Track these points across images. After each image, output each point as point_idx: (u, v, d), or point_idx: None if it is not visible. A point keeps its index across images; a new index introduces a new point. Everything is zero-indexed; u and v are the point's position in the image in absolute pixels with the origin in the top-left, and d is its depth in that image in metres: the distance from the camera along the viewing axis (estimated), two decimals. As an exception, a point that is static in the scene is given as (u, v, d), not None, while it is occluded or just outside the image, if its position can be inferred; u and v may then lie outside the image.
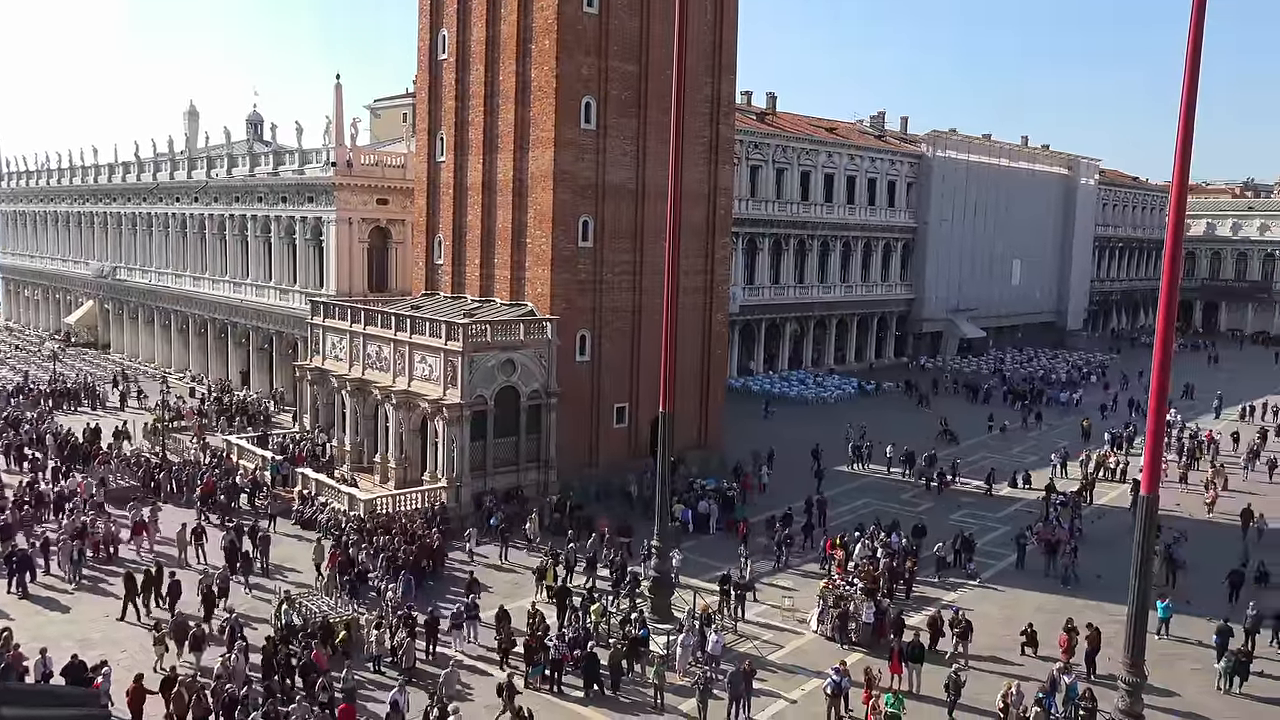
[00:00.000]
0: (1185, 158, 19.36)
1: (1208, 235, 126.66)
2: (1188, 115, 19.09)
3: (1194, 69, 18.94)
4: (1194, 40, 18.94)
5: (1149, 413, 20.81)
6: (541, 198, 41.27)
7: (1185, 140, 19.25)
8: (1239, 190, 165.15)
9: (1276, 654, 27.61)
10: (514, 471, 39.94)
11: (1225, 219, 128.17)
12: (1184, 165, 19.44)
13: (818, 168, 78.14)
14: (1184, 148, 19.29)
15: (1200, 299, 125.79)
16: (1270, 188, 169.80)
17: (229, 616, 26.11)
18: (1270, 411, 64.71)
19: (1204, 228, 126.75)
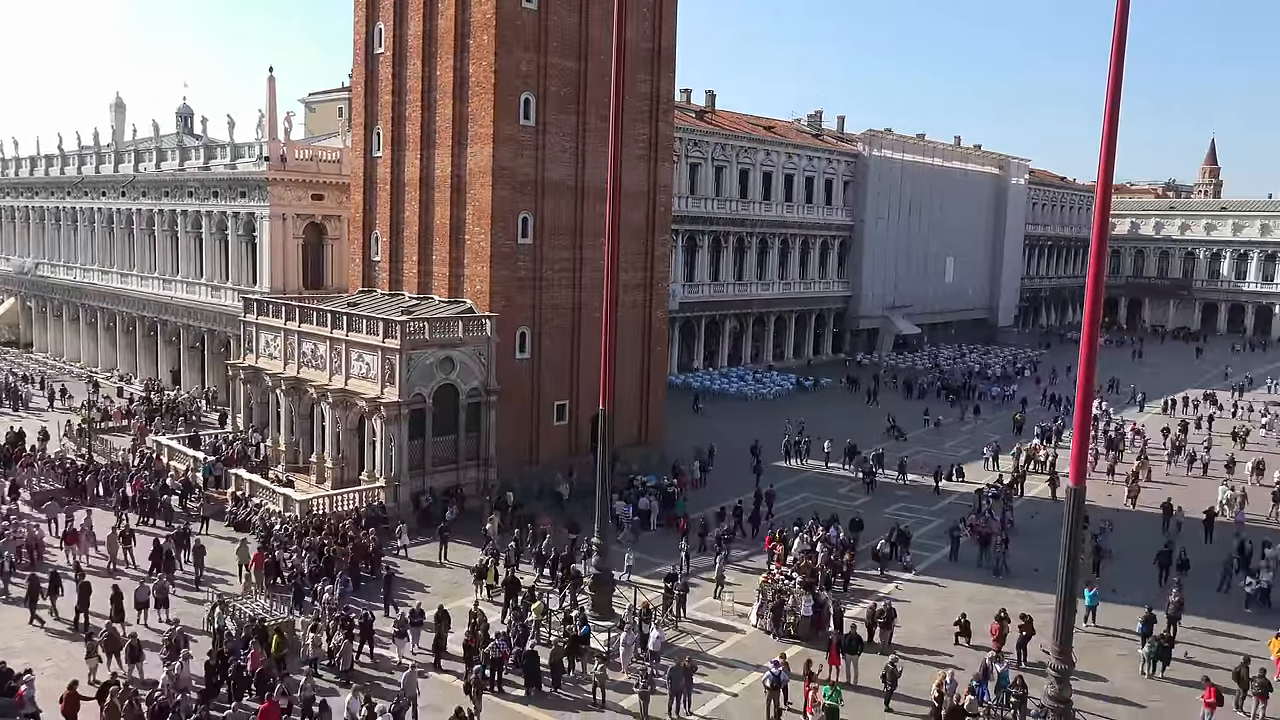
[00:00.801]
0: (1110, 159, 19.91)
1: (1132, 234, 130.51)
2: (1111, 117, 19.65)
3: (1117, 73, 19.49)
4: (1117, 45, 19.48)
5: (1076, 407, 21.39)
6: (480, 194, 40.97)
7: (1109, 142, 19.81)
8: (1161, 191, 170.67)
9: (1198, 639, 28.55)
10: (453, 470, 39.61)
11: (1148, 218, 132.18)
12: (1108, 166, 20.00)
13: (756, 166, 78.83)
14: (1108, 149, 19.85)
15: (1125, 296, 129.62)
16: (1190, 189, 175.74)
17: (172, 628, 25.39)
18: (1191, 405, 66.92)
19: (1128, 227, 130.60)
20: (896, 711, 24.08)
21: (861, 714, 23.84)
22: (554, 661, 25.03)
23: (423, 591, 31.11)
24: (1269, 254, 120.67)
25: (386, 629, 27.02)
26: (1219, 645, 28.21)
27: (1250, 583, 31.93)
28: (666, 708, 23.47)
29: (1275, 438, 58.18)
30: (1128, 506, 41.88)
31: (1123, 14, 19.41)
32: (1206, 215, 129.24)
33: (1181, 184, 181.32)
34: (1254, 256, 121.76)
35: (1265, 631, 28.80)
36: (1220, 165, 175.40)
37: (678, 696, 23.47)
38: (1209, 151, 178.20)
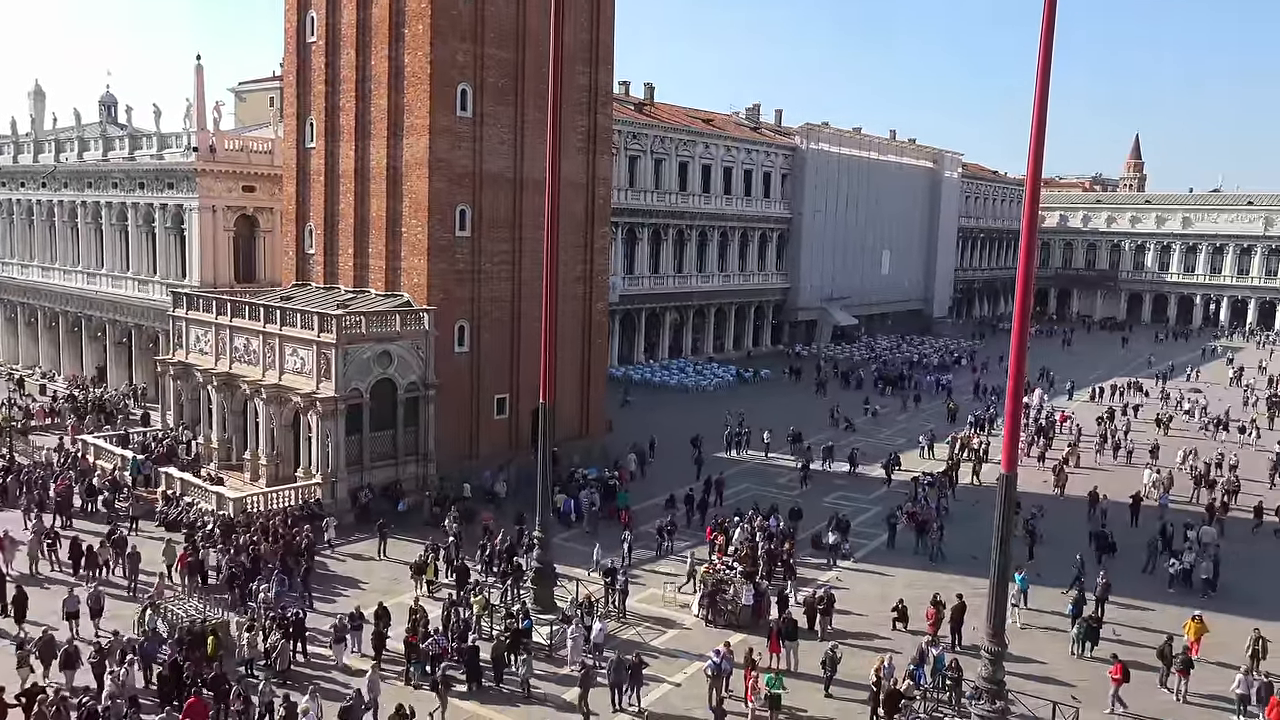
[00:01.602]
0: (1039, 154, 20.37)
1: (1061, 227, 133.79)
2: (1040, 113, 20.08)
3: (1045, 71, 19.92)
4: (1045, 43, 19.91)
5: (1008, 396, 21.89)
6: (417, 186, 40.46)
7: (1038, 137, 20.25)
8: (1089, 185, 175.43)
9: (1125, 619, 29.40)
10: (392, 465, 39.14)
11: (1076, 212, 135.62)
12: (1037, 161, 20.47)
13: (695, 159, 79.11)
14: (1037, 144, 20.30)
15: (1055, 287, 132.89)
16: (1116, 182, 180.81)
17: (116, 638, 24.50)
18: (1117, 392, 68.86)
19: (1057, 220, 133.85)
20: (836, 697, 24.41)
21: (802, 700, 24.12)
22: (495, 656, 24.88)
23: (356, 588, 30.69)
24: (1190, 246, 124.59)
25: (320, 626, 26.60)
26: (1145, 625, 29.08)
27: (1173, 564, 32.98)
28: (610, 701, 23.48)
29: (1197, 423, 60.15)
30: (1056, 493, 42.80)
31: (1050, 13, 19.84)
32: (1131, 208, 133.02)
33: (1108, 178, 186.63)
34: (1176, 248, 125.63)
35: (1188, 611, 29.70)
36: (1144, 160, 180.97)
37: (618, 688, 23.47)
38: (1133, 146, 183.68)
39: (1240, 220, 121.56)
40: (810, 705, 24.04)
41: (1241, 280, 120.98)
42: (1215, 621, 27.98)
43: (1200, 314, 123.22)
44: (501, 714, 23.25)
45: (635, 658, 23.95)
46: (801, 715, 23.61)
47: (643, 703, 23.54)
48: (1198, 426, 59.33)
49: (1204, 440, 54.66)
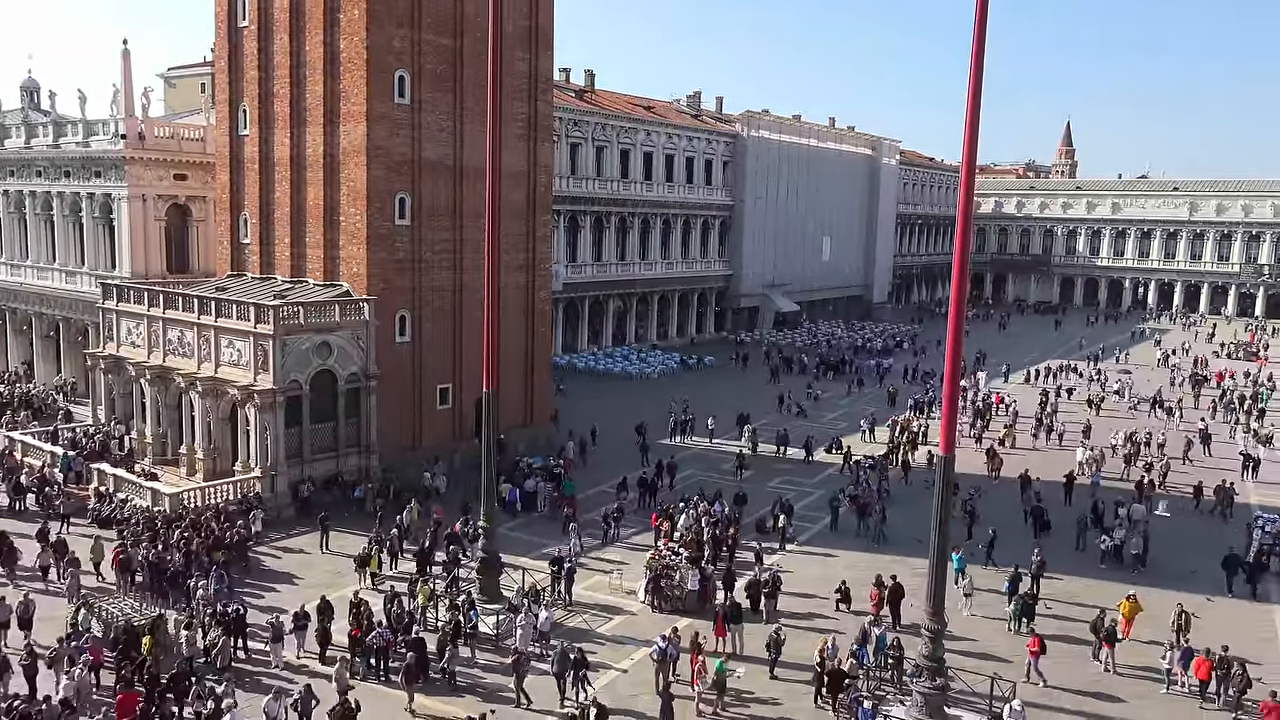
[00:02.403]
0: (973, 141, 20.73)
1: (996, 213, 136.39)
2: (974, 101, 20.42)
3: (979, 59, 20.25)
4: (979, 34, 20.23)
5: (945, 379, 22.29)
6: (355, 174, 39.84)
7: (973, 124, 20.60)
8: (1022, 171, 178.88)
9: (1059, 595, 30.20)
10: (333, 458, 38.62)
11: (1011, 198, 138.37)
12: (972, 148, 20.83)
13: (637, 146, 79.05)
14: (972, 131, 20.65)
15: (990, 272, 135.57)
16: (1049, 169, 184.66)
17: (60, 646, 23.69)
18: (1051, 374, 70.52)
19: (992, 206, 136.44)
20: (781, 678, 24.72)
21: (748, 682, 24.39)
22: (440, 647, 24.73)
23: (291, 584, 30.23)
24: (1119, 231, 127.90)
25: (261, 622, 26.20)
26: (1078, 600, 29.91)
27: (1104, 540, 33.94)
28: (557, 692, 23.43)
29: (1127, 404, 61.89)
30: (990, 475, 43.54)
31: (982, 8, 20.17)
32: (1063, 194, 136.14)
33: (1041, 165, 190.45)
34: (1106, 233, 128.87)
35: (1119, 585, 30.69)
36: (1075, 147, 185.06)
37: (561, 678, 23.35)
38: (1065, 134, 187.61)
39: (1167, 206, 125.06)
40: (756, 687, 24.33)
41: (1168, 264, 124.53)
42: (1145, 595, 28.85)
43: (1129, 297, 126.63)
44: (448, 705, 23.14)
45: (578, 652, 23.71)
46: (747, 696, 23.89)
47: (585, 694, 23.57)
48: (1127, 407, 61.03)
49: (1132, 420, 56.26)
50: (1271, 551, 33.23)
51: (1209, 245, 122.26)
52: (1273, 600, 30.86)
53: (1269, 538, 33.65)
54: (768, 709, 23.40)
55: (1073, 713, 23.30)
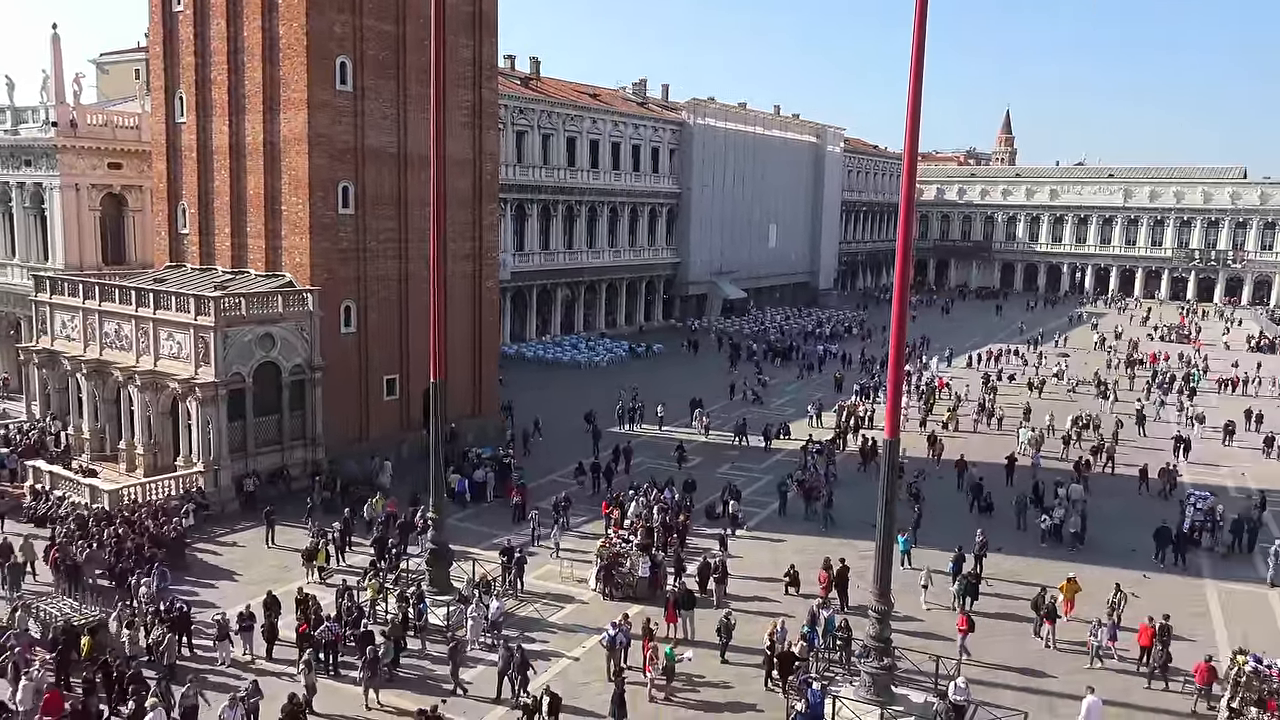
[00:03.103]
0: (915, 129, 21.01)
1: (938, 200, 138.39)
2: (915, 90, 20.69)
3: (920, 49, 20.52)
4: (919, 24, 20.49)
5: (889, 364, 22.64)
6: (296, 162, 39.19)
7: (914, 112, 20.88)
8: (963, 159, 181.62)
9: (1001, 574, 30.87)
10: (278, 451, 38.07)
11: (952, 185, 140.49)
12: (914, 135, 21.11)
13: (583, 134, 78.76)
14: (913, 119, 20.92)
15: (933, 258, 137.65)
16: (989, 156, 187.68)
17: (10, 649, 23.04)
18: (992, 358, 71.86)
19: (934, 193, 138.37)
20: (732, 662, 24.97)
21: (699, 667, 24.60)
22: (394, 642, 24.53)
23: (235, 580, 29.75)
24: (1057, 217, 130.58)
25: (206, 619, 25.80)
26: (1020, 578, 30.61)
27: (1044, 520, 34.77)
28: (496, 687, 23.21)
29: (1065, 386, 63.32)
30: (932, 459, 44.06)
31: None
32: (1003, 182, 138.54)
33: (981, 152, 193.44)
34: (1044, 219, 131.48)
35: (1059, 564, 31.52)
36: (1014, 134, 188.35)
37: (503, 678, 23.03)
38: (1004, 122, 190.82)
39: (1102, 192, 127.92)
40: (707, 671, 24.55)
41: (1104, 249, 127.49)
42: (1084, 572, 29.64)
43: (1067, 282, 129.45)
44: (399, 698, 23.01)
45: (521, 653, 23.22)
46: (699, 681, 24.10)
47: (542, 677, 23.60)
48: (1066, 390, 62.44)
49: (1072, 402, 57.58)
50: (1203, 528, 34.31)
51: (1143, 231, 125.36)
52: (1204, 575, 31.89)
53: (1200, 514, 34.72)
54: (718, 692, 23.64)
55: (1015, 688, 23.88)
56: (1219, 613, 28.81)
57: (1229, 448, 48.48)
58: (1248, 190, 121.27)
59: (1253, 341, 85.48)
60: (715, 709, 22.88)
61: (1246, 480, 42.53)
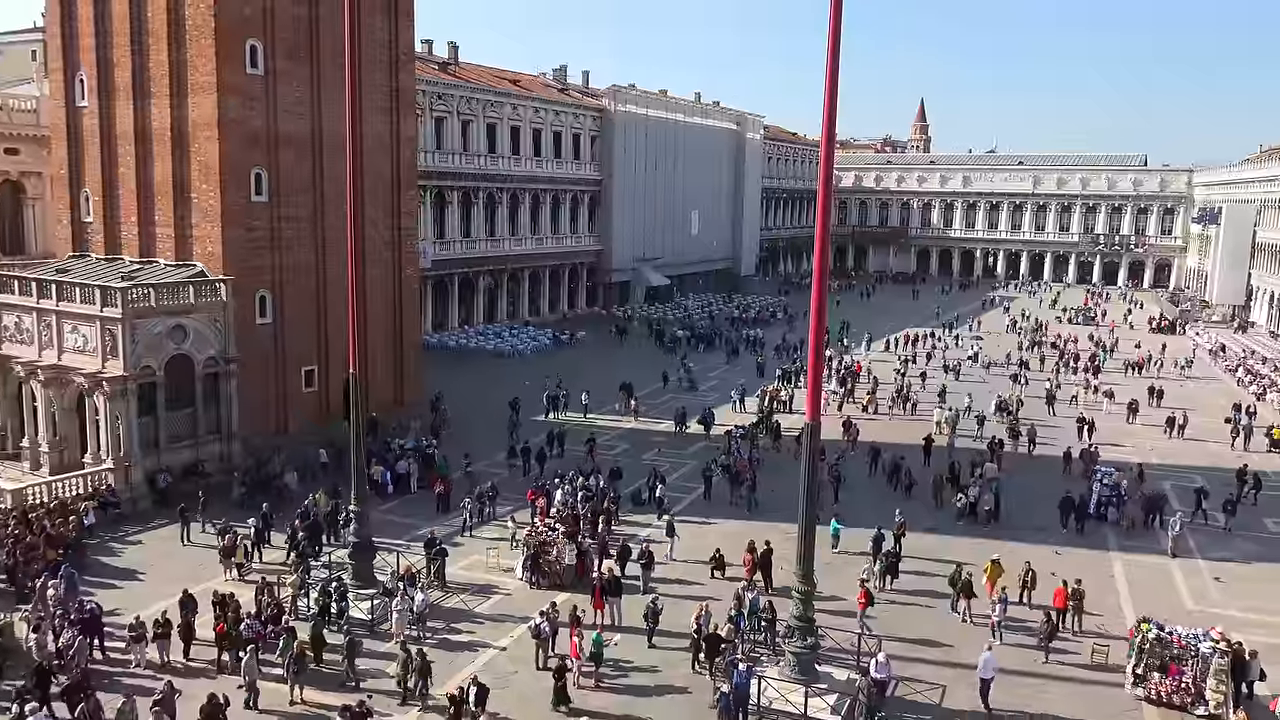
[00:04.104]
0: (831, 116, 21.30)
1: (856, 186, 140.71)
2: (832, 78, 20.97)
3: (835, 38, 20.80)
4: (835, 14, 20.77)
5: (810, 349, 22.98)
6: (206, 148, 38.05)
7: (831, 101, 21.16)
8: (880, 146, 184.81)
9: (920, 552, 31.65)
10: (192, 446, 37.03)
11: (870, 172, 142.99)
12: (830, 123, 21.40)
13: (504, 120, 78.02)
14: (830, 107, 21.21)
15: (852, 244, 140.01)
16: (905, 144, 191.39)
17: None
18: (909, 342, 73.47)
19: (852, 180, 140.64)
20: (660, 647, 25.14)
21: (627, 652, 24.74)
22: (314, 636, 24.12)
23: (145, 580, 28.83)
24: (970, 203, 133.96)
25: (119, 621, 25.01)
26: (938, 555, 31.43)
27: (960, 499, 35.75)
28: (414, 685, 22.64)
29: (979, 368, 65.13)
30: (847, 443, 44.56)
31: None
32: (918, 169, 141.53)
33: (898, 140, 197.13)
34: (958, 205, 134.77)
35: (975, 541, 32.46)
36: (929, 123, 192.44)
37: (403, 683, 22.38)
38: (919, 110, 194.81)
39: (1013, 179, 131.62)
40: (634, 656, 24.70)
41: (1015, 235, 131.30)
42: (1000, 549, 30.54)
43: (980, 266, 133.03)
44: (322, 695, 22.63)
45: (420, 657, 22.58)
46: (626, 665, 24.23)
47: (467, 667, 23.47)
48: (978, 373, 64.21)
49: (984, 383, 59.25)
50: (1109, 502, 35.67)
51: (1051, 216, 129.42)
52: (1110, 548, 33.16)
53: (1107, 490, 36.08)
54: (646, 677, 23.80)
55: (934, 662, 24.53)
56: (1124, 583, 30.01)
57: (1133, 425, 50.44)
58: (1149, 177, 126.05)
59: (1154, 323, 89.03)
60: (643, 693, 23.04)
61: (1151, 457, 44.31)
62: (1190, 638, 23.20)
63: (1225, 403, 54.14)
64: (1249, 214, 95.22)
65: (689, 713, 22.08)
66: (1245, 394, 58.33)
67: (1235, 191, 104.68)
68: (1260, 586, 29.87)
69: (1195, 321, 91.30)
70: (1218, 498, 36.21)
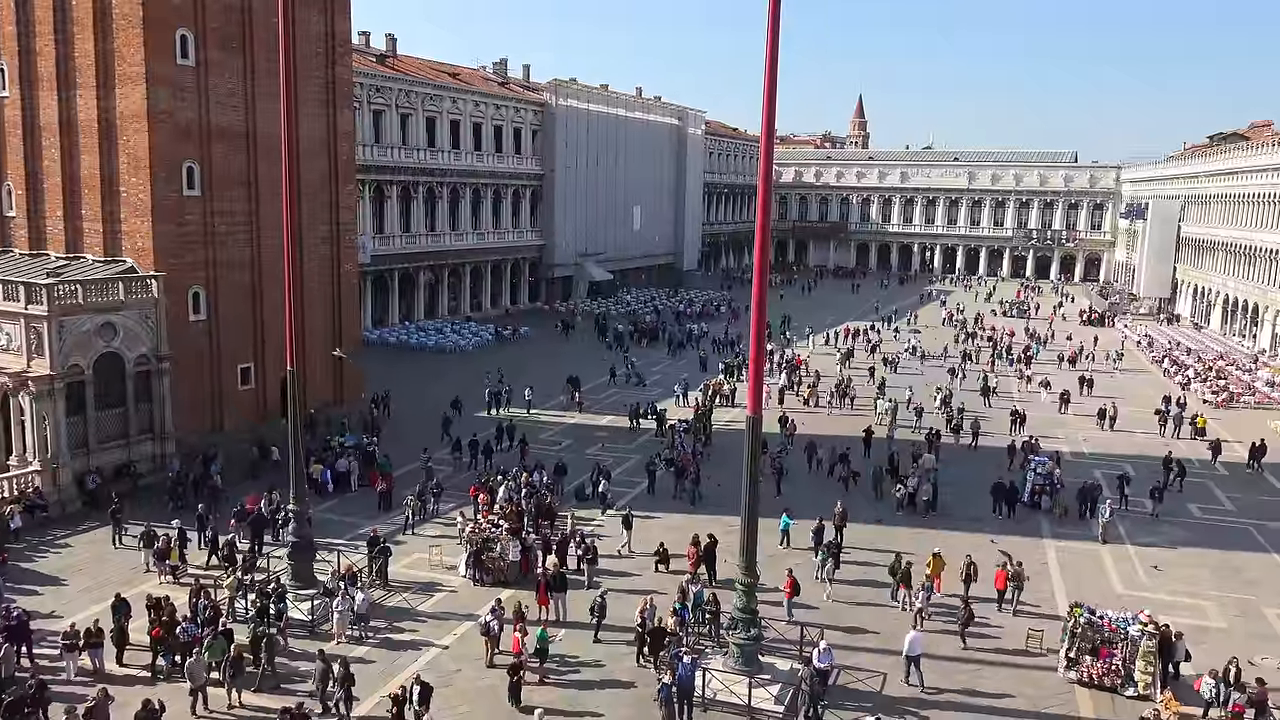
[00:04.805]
0: (771, 112, 21.46)
1: (796, 182, 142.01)
2: (771, 74, 21.12)
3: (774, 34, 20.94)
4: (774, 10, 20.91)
5: (751, 343, 23.14)
6: (135, 141, 37.05)
7: (770, 97, 21.31)
8: (819, 142, 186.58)
9: (861, 542, 32.11)
10: (124, 446, 36.07)
11: (809, 167, 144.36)
12: (770, 119, 21.57)
13: (443, 114, 77.27)
14: (769, 103, 21.36)
15: (793, 238, 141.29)
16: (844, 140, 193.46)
17: None
18: (850, 336, 74.43)
19: (792, 175, 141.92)
20: (605, 641, 25.17)
21: (573, 647, 24.71)
22: (254, 639, 23.68)
23: (75, 584, 28.02)
24: (908, 198, 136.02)
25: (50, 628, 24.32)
26: (877, 545, 31.90)
27: (900, 490, 36.34)
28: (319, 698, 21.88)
29: (917, 360, 66.25)
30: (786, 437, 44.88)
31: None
32: (857, 164, 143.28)
33: (837, 136, 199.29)
34: (896, 201, 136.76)
35: (915, 531, 33.08)
36: (867, 119, 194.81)
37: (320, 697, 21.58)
38: (857, 106, 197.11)
39: (949, 175, 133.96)
40: (580, 650, 24.68)
41: (951, 229, 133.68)
42: (937, 538, 31.16)
43: (918, 261, 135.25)
44: (261, 698, 22.24)
45: (344, 667, 21.59)
46: (572, 660, 24.21)
47: (411, 666, 23.26)
48: (917, 364, 65.31)
49: (921, 375, 60.28)
50: (1043, 490, 36.56)
51: (986, 212, 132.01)
52: (1043, 535, 33.98)
53: (1040, 478, 36.97)
54: (592, 671, 23.80)
55: (874, 650, 24.88)
56: (1057, 569, 30.78)
57: (1065, 415, 51.71)
58: (1079, 173, 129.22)
59: (1084, 316, 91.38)
60: (588, 687, 23.04)
61: (1083, 447, 45.47)
62: (1120, 621, 23.89)
63: (1154, 393, 55.79)
64: (1174, 209, 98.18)
65: (633, 706, 22.14)
66: (1172, 384, 60.17)
67: (1161, 188, 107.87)
68: (1186, 571, 30.86)
69: (1124, 314, 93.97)
70: (1146, 485, 37.32)
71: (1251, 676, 22.22)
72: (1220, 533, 34.57)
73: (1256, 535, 34.35)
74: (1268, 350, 70.46)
